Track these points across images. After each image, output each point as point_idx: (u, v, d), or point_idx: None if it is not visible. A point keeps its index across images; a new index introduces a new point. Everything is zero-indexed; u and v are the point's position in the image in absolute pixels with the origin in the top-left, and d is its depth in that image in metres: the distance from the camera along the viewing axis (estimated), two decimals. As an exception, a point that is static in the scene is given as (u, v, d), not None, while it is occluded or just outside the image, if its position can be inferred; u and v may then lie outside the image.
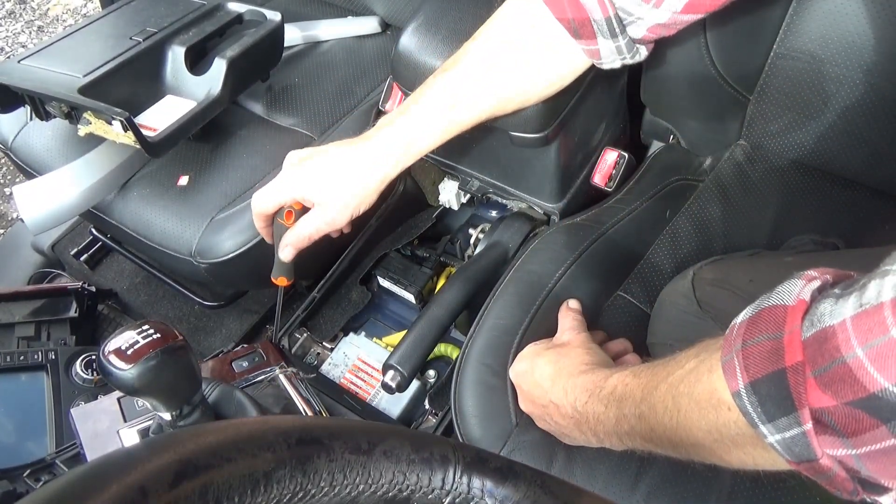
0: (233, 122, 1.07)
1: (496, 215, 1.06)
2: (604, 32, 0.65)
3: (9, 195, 1.90)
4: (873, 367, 0.32)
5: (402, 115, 0.72)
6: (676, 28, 0.66)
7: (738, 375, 0.38)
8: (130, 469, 0.23)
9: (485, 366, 0.75)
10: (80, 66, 0.91)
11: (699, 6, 0.63)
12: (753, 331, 0.38)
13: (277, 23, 1.02)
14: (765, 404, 0.37)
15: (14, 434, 0.85)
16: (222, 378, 0.71)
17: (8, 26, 2.46)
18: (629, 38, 0.66)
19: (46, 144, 1.05)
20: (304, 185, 0.73)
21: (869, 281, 0.35)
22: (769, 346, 0.37)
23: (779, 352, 0.36)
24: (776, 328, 0.37)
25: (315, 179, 0.73)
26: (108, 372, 0.49)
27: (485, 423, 0.72)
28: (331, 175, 0.72)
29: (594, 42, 0.67)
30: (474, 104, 0.71)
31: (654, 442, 0.51)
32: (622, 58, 0.69)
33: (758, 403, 0.37)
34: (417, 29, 0.86)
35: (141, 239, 0.99)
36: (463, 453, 0.30)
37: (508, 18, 0.71)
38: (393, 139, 0.72)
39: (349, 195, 0.72)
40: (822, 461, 0.36)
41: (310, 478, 0.26)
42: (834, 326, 0.34)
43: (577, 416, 0.59)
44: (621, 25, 0.65)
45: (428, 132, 0.72)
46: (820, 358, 0.35)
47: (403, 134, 0.72)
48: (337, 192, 0.72)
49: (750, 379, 0.38)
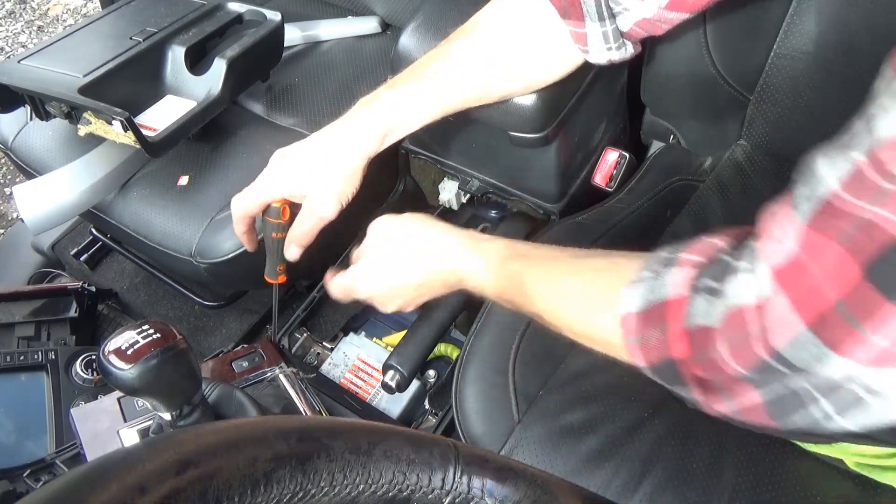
0: (233, 122, 1.07)
1: (496, 215, 1.06)
2: (591, 15, 0.65)
3: (9, 195, 1.90)
4: (732, 358, 0.41)
5: (385, 90, 0.71)
6: (664, 26, 0.66)
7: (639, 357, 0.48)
8: (130, 469, 0.23)
9: (486, 363, 0.75)
10: (80, 66, 0.91)
11: (682, 5, 0.64)
12: (645, 327, 0.47)
13: (277, 23, 1.02)
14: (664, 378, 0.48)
15: (14, 434, 0.85)
16: (222, 378, 0.71)
17: (8, 26, 2.46)
18: (616, 27, 0.66)
19: (46, 144, 1.05)
20: (288, 180, 0.71)
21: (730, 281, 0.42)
22: (659, 341, 0.46)
23: (665, 346, 0.46)
24: (662, 324, 0.46)
25: (297, 173, 0.71)
26: (108, 372, 0.48)
27: (486, 421, 0.72)
28: (311, 165, 0.70)
29: (581, 24, 0.67)
30: (457, 87, 0.71)
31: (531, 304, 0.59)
32: (608, 47, 0.68)
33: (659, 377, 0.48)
34: (417, 29, 0.86)
35: (141, 239, 0.99)
36: (463, 453, 0.30)
37: (501, 5, 0.71)
38: (373, 117, 0.70)
39: (331, 181, 0.70)
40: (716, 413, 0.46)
41: (310, 478, 0.26)
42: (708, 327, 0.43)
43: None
44: (610, 11, 0.65)
45: (410, 110, 0.70)
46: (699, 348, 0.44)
47: (384, 111, 0.70)
48: (319, 180, 0.70)
49: (649, 363, 0.48)
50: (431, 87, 0.70)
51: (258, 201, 0.72)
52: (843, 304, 0.34)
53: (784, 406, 0.41)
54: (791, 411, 0.41)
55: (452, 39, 0.72)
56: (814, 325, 0.36)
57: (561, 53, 0.71)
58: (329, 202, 0.70)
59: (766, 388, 0.41)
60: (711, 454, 0.66)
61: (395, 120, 0.70)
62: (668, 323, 0.45)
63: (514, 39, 0.70)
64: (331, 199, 0.70)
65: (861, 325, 0.34)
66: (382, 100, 0.70)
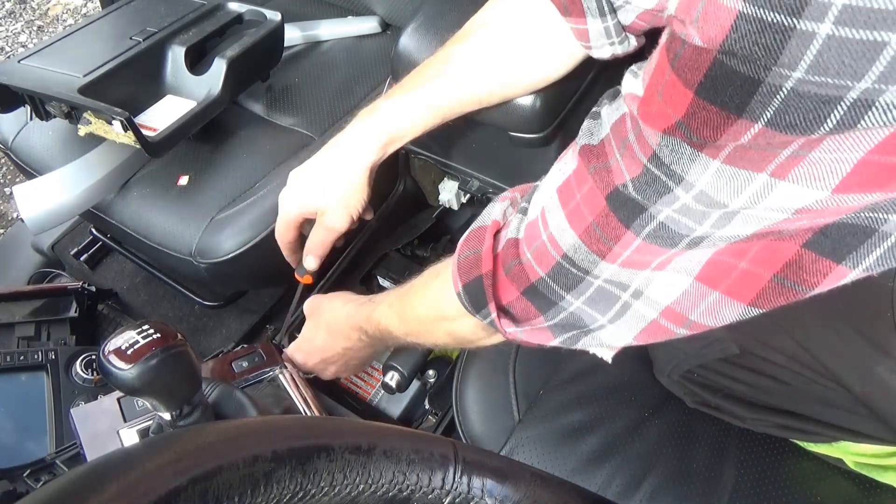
0: (233, 122, 1.07)
1: (496, 215, 1.06)
2: (592, 11, 0.65)
3: (9, 195, 1.90)
4: (535, 263, 0.48)
5: (384, 100, 0.73)
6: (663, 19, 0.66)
7: (457, 280, 0.53)
8: (130, 469, 0.23)
9: (487, 363, 0.75)
10: (80, 66, 0.91)
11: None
12: (465, 248, 0.54)
13: (277, 23, 1.02)
14: (472, 300, 0.53)
15: (14, 434, 0.85)
16: (222, 378, 0.71)
17: (8, 26, 2.46)
18: (618, 20, 0.66)
19: (46, 144, 1.05)
20: (301, 199, 0.75)
21: (532, 197, 0.50)
22: (473, 259, 0.52)
23: (478, 263, 0.52)
24: (477, 244, 0.52)
25: (307, 191, 0.75)
26: (108, 372, 0.48)
27: (487, 420, 0.72)
28: (319, 182, 0.74)
29: (583, 21, 0.67)
30: (457, 91, 0.71)
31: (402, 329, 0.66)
32: (611, 42, 0.68)
33: (468, 301, 0.53)
34: (417, 29, 0.86)
35: (141, 239, 0.99)
36: (463, 453, 0.30)
37: (500, 5, 0.71)
38: (373, 128, 0.72)
39: (339, 196, 0.73)
40: (506, 334, 0.53)
41: (310, 478, 0.26)
42: (516, 238, 0.50)
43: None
44: (611, 6, 0.65)
45: (409, 118, 0.72)
46: (508, 259, 0.50)
47: (384, 121, 0.72)
48: (328, 196, 0.73)
49: (462, 283, 0.53)
50: (430, 94, 0.71)
51: (289, 227, 0.77)
52: (597, 225, 0.43)
53: (565, 323, 0.49)
54: (573, 326, 0.49)
55: (451, 44, 0.72)
56: (582, 238, 0.44)
57: (562, 51, 0.71)
58: (340, 215, 0.73)
59: (549, 311, 0.49)
60: (711, 454, 0.66)
61: (395, 129, 0.72)
62: (483, 243, 0.52)
63: (515, 39, 0.70)
64: (341, 213, 0.73)
65: (610, 242, 0.42)
66: (382, 110, 0.72)
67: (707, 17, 0.29)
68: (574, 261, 0.45)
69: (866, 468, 0.63)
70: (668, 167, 0.37)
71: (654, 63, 0.37)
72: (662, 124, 0.36)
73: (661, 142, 0.37)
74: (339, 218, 0.73)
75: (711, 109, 0.32)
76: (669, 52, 0.34)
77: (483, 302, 0.52)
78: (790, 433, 0.65)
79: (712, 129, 0.33)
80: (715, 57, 0.30)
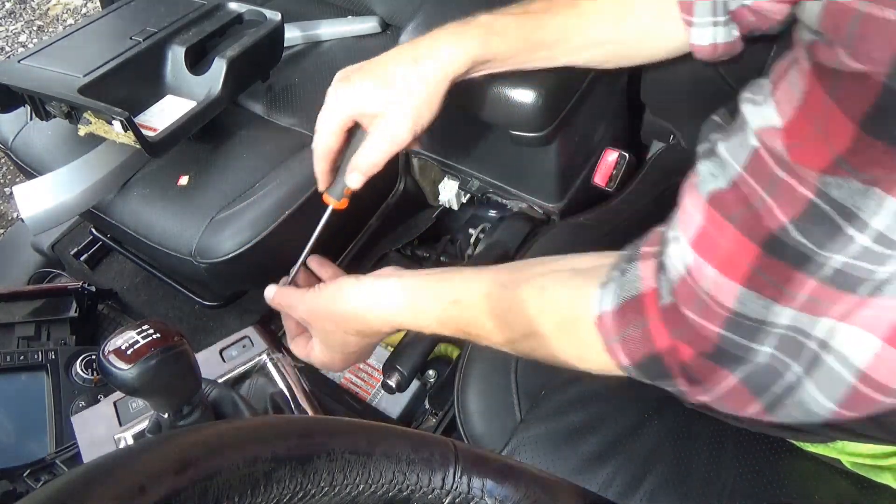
0: (233, 122, 1.07)
1: (496, 215, 1.06)
2: None
3: (9, 195, 1.90)
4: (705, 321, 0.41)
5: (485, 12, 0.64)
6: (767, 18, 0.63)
7: (622, 357, 0.47)
8: (130, 469, 0.23)
9: (489, 362, 0.75)
10: (80, 65, 0.91)
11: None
12: (624, 324, 0.46)
13: (277, 23, 1.02)
14: (650, 375, 0.47)
15: (14, 434, 0.85)
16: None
17: (8, 26, 2.46)
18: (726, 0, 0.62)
19: (46, 144, 1.05)
20: (357, 96, 0.63)
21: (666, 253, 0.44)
22: (641, 336, 0.45)
23: (650, 338, 0.45)
24: (641, 318, 0.45)
25: (369, 88, 0.62)
26: (108, 372, 0.48)
27: (489, 420, 0.72)
28: (386, 81, 0.62)
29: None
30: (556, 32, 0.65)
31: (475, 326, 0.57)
32: (714, 22, 0.63)
33: (645, 374, 0.47)
34: (417, 29, 0.86)
35: (141, 239, 0.99)
36: (463, 453, 0.30)
37: None
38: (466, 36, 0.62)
39: (409, 102, 0.61)
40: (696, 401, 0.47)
41: (310, 478, 0.26)
42: (673, 302, 0.43)
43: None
44: None
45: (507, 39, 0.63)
46: (675, 325, 0.43)
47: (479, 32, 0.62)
48: (394, 98, 0.61)
49: (633, 362, 0.47)
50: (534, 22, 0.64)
51: (334, 131, 0.65)
52: (760, 269, 0.37)
53: (760, 380, 0.41)
54: (769, 383, 0.41)
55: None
56: (747, 284, 0.38)
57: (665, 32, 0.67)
58: (404, 126, 0.61)
59: (739, 368, 0.42)
60: (711, 454, 0.66)
61: (488, 45, 0.62)
62: (647, 315, 0.45)
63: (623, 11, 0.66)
64: (406, 121, 0.61)
65: (782, 286, 0.37)
66: (480, 20, 0.63)
67: (867, 35, 0.25)
68: (745, 314, 0.40)
69: (863, 468, 0.63)
70: (839, 203, 0.32)
71: (795, 89, 0.33)
72: (820, 162, 0.32)
73: (823, 179, 0.32)
74: (403, 128, 0.61)
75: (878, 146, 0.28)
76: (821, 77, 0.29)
77: (664, 373, 0.46)
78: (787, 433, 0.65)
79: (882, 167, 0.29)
80: (883, 84, 0.26)
